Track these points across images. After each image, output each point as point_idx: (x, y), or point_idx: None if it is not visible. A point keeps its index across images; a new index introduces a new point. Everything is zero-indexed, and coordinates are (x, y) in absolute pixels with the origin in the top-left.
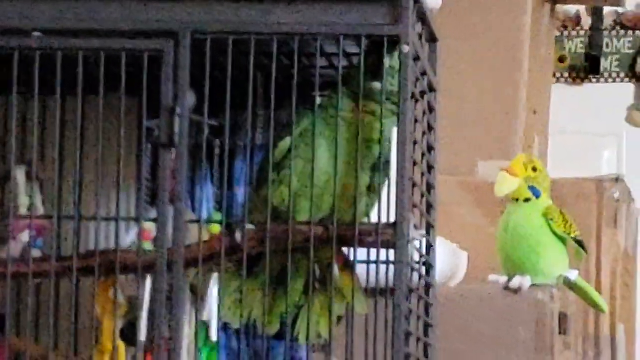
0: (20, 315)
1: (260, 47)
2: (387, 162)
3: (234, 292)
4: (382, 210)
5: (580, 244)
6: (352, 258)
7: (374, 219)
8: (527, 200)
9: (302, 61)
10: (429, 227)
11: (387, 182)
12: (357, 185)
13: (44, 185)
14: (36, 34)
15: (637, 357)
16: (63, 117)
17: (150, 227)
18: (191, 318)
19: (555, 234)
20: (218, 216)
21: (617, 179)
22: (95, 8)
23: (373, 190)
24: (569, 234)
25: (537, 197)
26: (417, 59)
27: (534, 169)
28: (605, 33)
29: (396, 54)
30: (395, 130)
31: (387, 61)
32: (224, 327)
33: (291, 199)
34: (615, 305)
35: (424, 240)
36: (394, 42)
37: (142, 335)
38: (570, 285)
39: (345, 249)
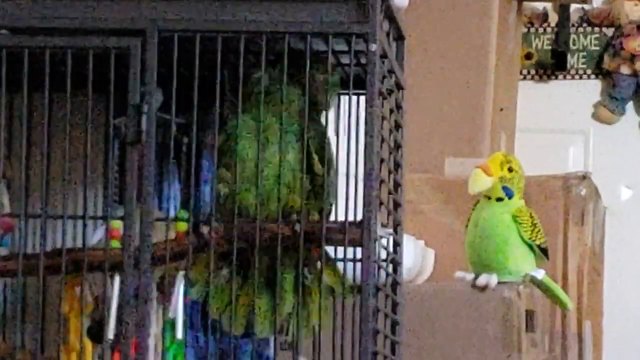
0: None
1: (227, 45)
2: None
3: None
4: (350, 208)
5: (544, 251)
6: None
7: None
8: (499, 199)
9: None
10: (396, 225)
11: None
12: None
13: (11, 183)
14: (3, 31)
15: (604, 354)
16: (30, 115)
17: (117, 225)
18: (158, 316)
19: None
20: (184, 214)
21: (584, 176)
22: (62, 6)
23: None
24: (534, 240)
25: (510, 197)
26: (384, 57)
27: (510, 169)
28: (572, 30)
29: None
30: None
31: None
32: (191, 326)
33: (259, 196)
34: (582, 302)
35: (391, 238)
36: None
37: (110, 333)
38: (536, 283)
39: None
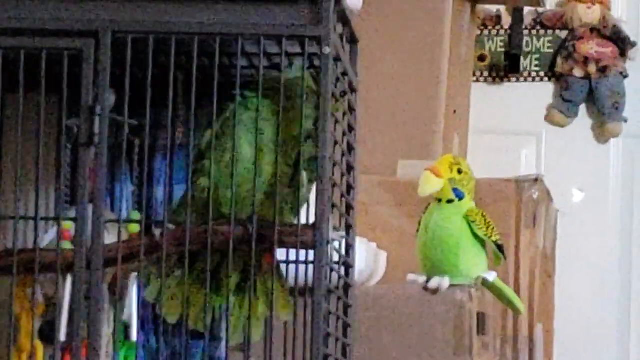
0: None
1: (181, 47)
2: (312, 159)
3: (173, 288)
4: (302, 211)
5: (500, 248)
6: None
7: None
8: (449, 201)
9: (223, 61)
10: (349, 228)
11: (314, 181)
12: (276, 182)
13: None
14: None
15: (555, 356)
16: None
17: (69, 226)
18: (109, 317)
19: (475, 236)
20: (137, 215)
21: (536, 179)
22: (15, 7)
23: (296, 188)
24: (489, 237)
25: (460, 199)
26: (338, 59)
27: (460, 171)
28: (525, 32)
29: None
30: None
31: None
32: (142, 327)
33: (210, 199)
34: (534, 305)
35: (344, 241)
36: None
37: (61, 334)
38: (488, 286)
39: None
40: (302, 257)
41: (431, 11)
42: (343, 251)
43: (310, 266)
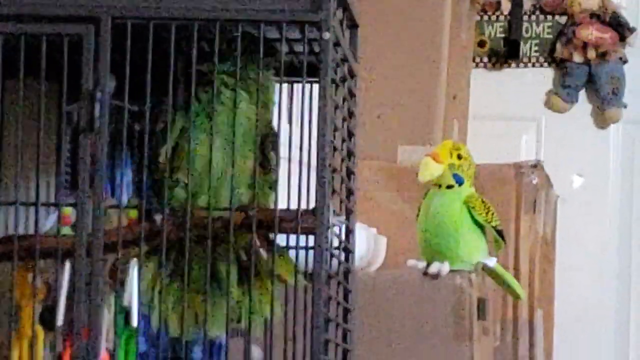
0: None
1: (181, 33)
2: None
3: (176, 304)
4: (302, 196)
5: (499, 233)
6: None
7: (279, 204)
8: (449, 186)
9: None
10: (349, 213)
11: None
12: (273, 172)
13: None
14: None
15: (555, 342)
16: None
17: (69, 212)
18: (110, 303)
19: (475, 221)
20: (135, 201)
21: (536, 165)
22: None
23: (264, 173)
24: (489, 222)
25: (460, 184)
26: (337, 45)
27: (459, 157)
28: (525, 18)
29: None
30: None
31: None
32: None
33: (211, 184)
34: (533, 290)
35: (344, 226)
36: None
37: (61, 320)
38: (488, 271)
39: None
40: (302, 243)
41: None
42: (343, 236)
43: (311, 251)
